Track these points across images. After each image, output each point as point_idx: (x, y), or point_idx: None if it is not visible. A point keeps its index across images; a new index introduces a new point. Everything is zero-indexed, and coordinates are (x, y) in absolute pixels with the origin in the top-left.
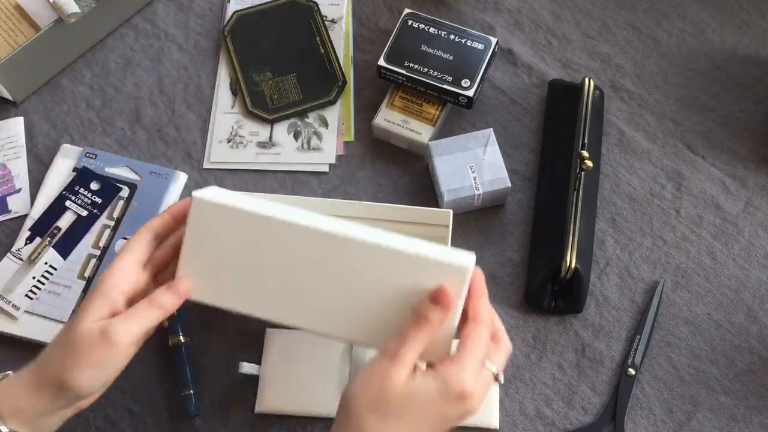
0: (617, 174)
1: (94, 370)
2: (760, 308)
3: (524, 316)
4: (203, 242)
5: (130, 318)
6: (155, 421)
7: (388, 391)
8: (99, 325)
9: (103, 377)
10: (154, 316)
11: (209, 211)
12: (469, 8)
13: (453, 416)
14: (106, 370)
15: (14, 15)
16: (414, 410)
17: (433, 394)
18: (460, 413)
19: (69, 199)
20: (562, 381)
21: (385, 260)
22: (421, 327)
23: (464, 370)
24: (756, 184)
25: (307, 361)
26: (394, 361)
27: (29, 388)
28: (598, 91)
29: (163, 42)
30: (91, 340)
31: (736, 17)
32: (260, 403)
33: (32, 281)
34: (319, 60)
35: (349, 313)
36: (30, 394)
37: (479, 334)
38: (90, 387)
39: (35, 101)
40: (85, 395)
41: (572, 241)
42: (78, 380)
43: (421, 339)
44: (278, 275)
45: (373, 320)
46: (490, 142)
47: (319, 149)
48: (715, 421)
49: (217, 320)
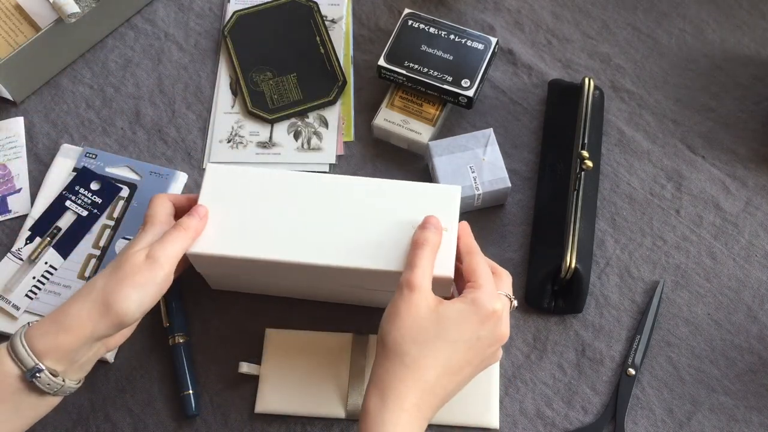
0: (617, 174)
1: (139, 289)
2: (760, 308)
3: (524, 316)
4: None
5: (166, 242)
6: (155, 421)
7: (420, 318)
8: (145, 251)
9: (144, 298)
10: (184, 236)
11: (221, 173)
12: (469, 8)
13: (486, 336)
14: (150, 290)
15: (14, 15)
16: (450, 330)
17: (465, 314)
18: (492, 333)
19: (69, 199)
20: (562, 381)
21: (382, 192)
22: (423, 248)
23: (486, 292)
24: (756, 184)
25: (307, 361)
26: (413, 290)
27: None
28: (598, 91)
29: (163, 42)
30: (138, 263)
31: (736, 17)
32: (260, 403)
33: (32, 281)
34: (319, 60)
35: (354, 242)
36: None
37: (477, 260)
38: (133, 308)
39: (35, 101)
40: (127, 318)
41: (572, 241)
42: (124, 299)
43: (426, 259)
44: (283, 219)
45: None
46: (490, 142)
47: (319, 149)
48: (715, 421)
49: (217, 320)
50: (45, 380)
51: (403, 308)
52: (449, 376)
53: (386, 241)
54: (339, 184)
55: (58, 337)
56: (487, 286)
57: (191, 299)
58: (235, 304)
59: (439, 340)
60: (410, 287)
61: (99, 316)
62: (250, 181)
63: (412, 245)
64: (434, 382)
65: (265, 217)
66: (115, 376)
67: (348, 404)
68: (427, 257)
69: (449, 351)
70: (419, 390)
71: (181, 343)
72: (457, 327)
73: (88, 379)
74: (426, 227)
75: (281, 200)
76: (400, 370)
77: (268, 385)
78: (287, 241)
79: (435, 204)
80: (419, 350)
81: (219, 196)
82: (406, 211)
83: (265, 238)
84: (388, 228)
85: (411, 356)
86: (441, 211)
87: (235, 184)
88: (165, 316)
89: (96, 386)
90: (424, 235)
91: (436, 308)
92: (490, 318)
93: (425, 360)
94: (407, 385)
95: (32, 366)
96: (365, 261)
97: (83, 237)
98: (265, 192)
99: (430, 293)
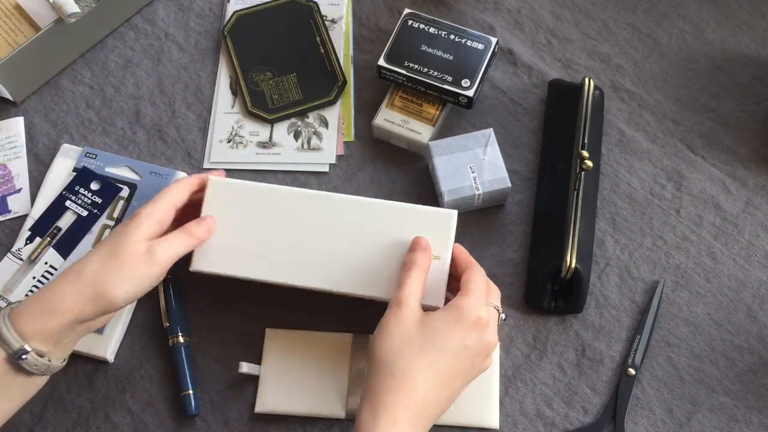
0: (617, 174)
1: (133, 282)
2: (760, 308)
3: (524, 316)
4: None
5: (170, 242)
6: (155, 421)
7: (407, 330)
8: (146, 245)
9: (136, 290)
10: (188, 242)
11: (222, 188)
12: (469, 8)
13: (473, 345)
14: (142, 284)
15: (14, 15)
16: (436, 338)
17: (450, 322)
18: (479, 341)
19: (69, 199)
20: (562, 381)
21: (379, 214)
22: (411, 270)
23: (473, 300)
24: (756, 184)
25: (307, 361)
26: (400, 306)
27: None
28: (598, 91)
29: (163, 42)
30: (137, 256)
31: (736, 17)
32: (260, 403)
33: (32, 281)
34: (319, 60)
35: (349, 267)
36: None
37: (475, 273)
38: (123, 298)
39: (35, 101)
40: (115, 306)
41: (572, 241)
42: (117, 290)
43: (415, 280)
44: (282, 239)
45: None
46: (490, 142)
47: (319, 149)
48: (715, 421)
49: (217, 320)
50: (31, 361)
51: (392, 323)
52: (440, 386)
53: (379, 267)
54: (338, 204)
55: (44, 320)
56: (475, 294)
57: (191, 299)
58: (235, 304)
59: (426, 350)
60: (398, 304)
61: (87, 301)
62: (251, 197)
63: (402, 267)
64: (425, 393)
65: (263, 237)
66: (115, 376)
67: (348, 404)
68: (415, 277)
69: (437, 361)
70: (410, 402)
71: (181, 343)
72: (443, 335)
73: (88, 379)
74: (415, 249)
75: (279, 218)
76: (389, 384)
77: (268, 385)
78: (283, 262)
79: (430, 228)
80: (407, 362)
81: (219, 209)
82: (402, 234)
83: (262, 259)
84: (382, 252)
85: (400, 369)
86: (436, 236)
87: (234, 199)
88: (165, 316)
89: (96, 386)
90: (413, 258)
91: (423, 319)
92: (476, 325)
93: (414, 372)
94: (397, 397)
95: (18, 348)
96: (357, 287)
97: (83, 237)
98: (263, 209)
99: (417, 308)
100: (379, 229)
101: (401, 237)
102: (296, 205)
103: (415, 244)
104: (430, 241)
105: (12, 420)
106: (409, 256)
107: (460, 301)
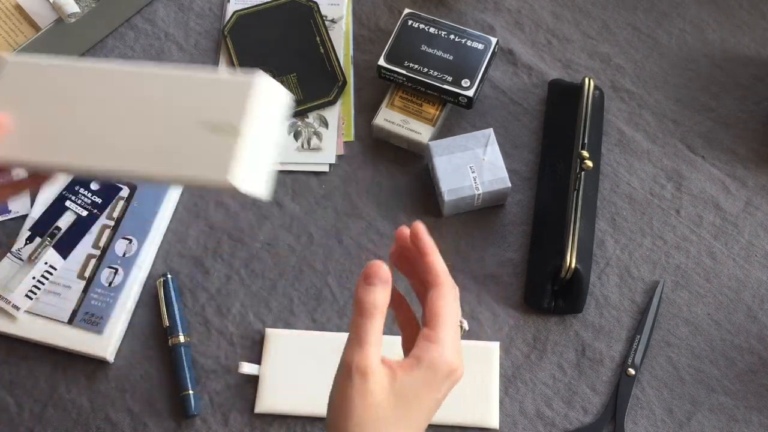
0: (617, 174)
1: None
2: (760, 308)
3: (524, 316)
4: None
5: None
6: (155, 421)
7: (376, 406)
8: None
9: None
10: None
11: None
12: (469, 8)
13: (445, 393)
14: None
15: (14, 15)
16: (411, 409)
17: (423, 386)
18: (450, 387)
19: (69, 199)
20: (562, 381)
21: (177, 86)
22: (369, 318)
23: (446, 347)
24: (756, 184)
25: (307, 361)
26: (365, 377)
27: None
28: (598, 91)
29: (163, 42)
30: None
31: (736, 17)
32: (260, 403)
33: (32, 281)
34: (319, 60)
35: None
36: None
37: (448, 300)
38: None
39: None
40: None
41: (572, 241)
42: None
43: (375, 330)
44: (80, 121)
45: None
46: (490, 142)
47: (319, 149)
48: (715, 421)
49: (217, 320)
50: None
51: (357, 398)
52: None
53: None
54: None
55: None
56: (447, 341)
57: (191, 299)
58: (235, 304)
59: (401, 424)
60: (362, 374)
61: None
62: (52, 78)
63: (356, 310)
64: None
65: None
66: (115, 376)
67: None
68: (375, 327)
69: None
70: None
71: (181, 343)
72: (418, 402)
73: (88, 379)
74: (371, 282)
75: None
76: None
77: (268, 385)
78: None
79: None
80: None
81: (19, 94)
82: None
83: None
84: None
85: None
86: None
87: (37, 80)
88: (165, 316)
89: (96, 386)
90: (370, 299)
91: (392, 388)
92: (449, 376)
93: None
94: None
95: None
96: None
97: (83, 237)
98: (64, 89)
99: (382, 372)
100: (177, 102)
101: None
102: (94, 84)
103: (370, 276)
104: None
105: (12, 420)
106: (364, 294)
107: (431, 353)
